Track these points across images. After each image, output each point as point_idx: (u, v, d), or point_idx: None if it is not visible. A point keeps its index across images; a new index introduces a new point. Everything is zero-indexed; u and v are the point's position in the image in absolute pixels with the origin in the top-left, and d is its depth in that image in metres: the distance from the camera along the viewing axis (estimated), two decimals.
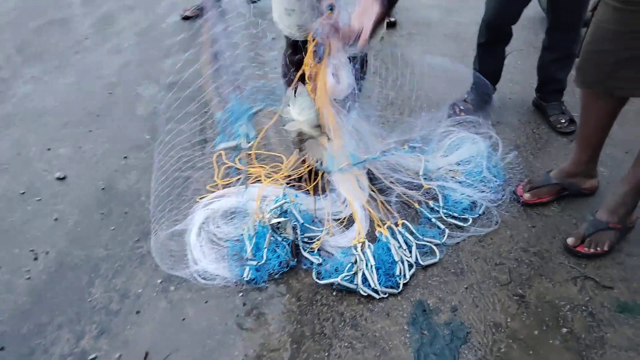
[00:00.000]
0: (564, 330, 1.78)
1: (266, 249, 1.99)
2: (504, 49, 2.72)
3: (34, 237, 2.20)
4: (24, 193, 2.43)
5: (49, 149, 2.68)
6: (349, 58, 2.02)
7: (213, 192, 2.31)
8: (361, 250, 1.98)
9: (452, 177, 2.31)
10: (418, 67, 2.34)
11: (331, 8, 1.88)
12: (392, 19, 3.73)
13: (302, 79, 2.00)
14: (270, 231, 2.02)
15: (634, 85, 1.84)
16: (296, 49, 1.97)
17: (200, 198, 2.28)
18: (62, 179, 2.49)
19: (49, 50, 3.57)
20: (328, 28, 1.89)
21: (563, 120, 2.67)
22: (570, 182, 2.24)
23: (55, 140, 2.74)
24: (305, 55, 1.95)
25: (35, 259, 2.10)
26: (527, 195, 2.25)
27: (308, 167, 2.24)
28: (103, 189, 2.43)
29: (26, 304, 1.93)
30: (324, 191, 2.26)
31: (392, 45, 3.30)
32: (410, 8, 3.93)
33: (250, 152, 2.48)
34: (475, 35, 2.70)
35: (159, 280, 1.98)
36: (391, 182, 2.30)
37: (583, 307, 1.85)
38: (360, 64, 2.07)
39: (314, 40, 1.91)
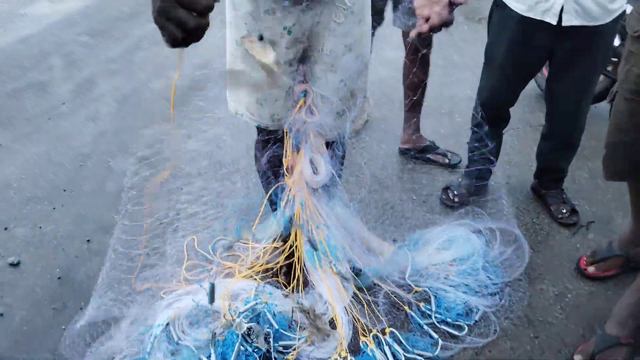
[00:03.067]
0: None
1: None
2: (500, 132, 2.55)
3: None
4: None
5: (5, 229, 2.44)
6: (327, 144, 1.87)
7: (181, 286, 2.07)
8: None
9: (446, 276, 2.09)
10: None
11: (305, 94, 1.74)
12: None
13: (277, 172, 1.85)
14: (239, 339, 1.78)
15: None
16: (270, 140, 1.81)
17: (164, 293, 2.04)
18: (16, 265, 2.25)
19: (21, 115, 3.37)
20: (303, 118, 1.75)
21: (564, 211, 2.47)
22: (635, 252, 2.09)
23: (14, 219, 2.50)
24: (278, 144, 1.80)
25: None
26: (591, 269, 2.13)
27: (287, 258, 2.03)
28: (59, 278, 2.18)
29: None
30: (305, 286, 2.04)
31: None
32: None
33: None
34: (470, 112, 2.51)
35: None
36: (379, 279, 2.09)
37: None
38: (339, 149, 1.91)
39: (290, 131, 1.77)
